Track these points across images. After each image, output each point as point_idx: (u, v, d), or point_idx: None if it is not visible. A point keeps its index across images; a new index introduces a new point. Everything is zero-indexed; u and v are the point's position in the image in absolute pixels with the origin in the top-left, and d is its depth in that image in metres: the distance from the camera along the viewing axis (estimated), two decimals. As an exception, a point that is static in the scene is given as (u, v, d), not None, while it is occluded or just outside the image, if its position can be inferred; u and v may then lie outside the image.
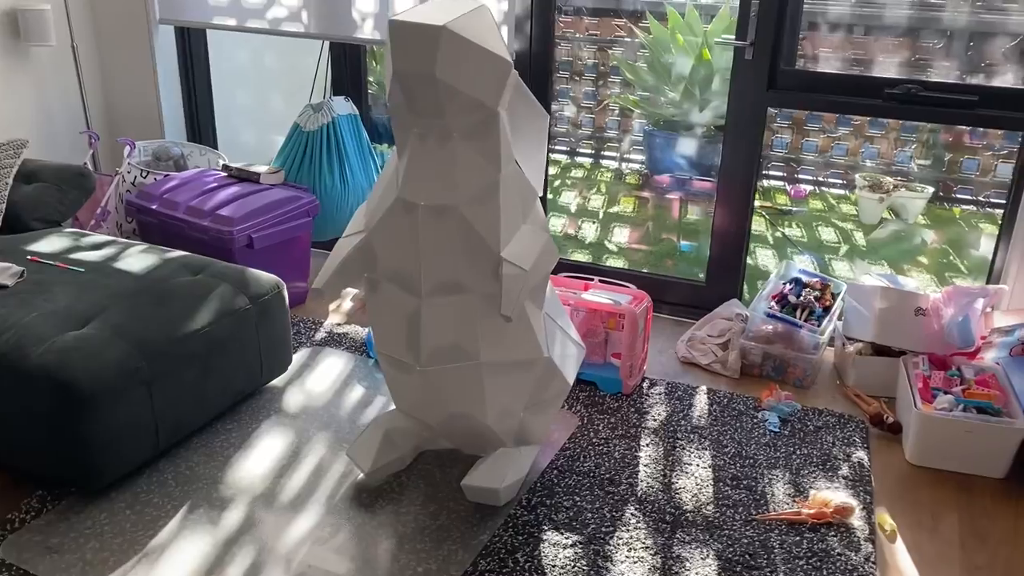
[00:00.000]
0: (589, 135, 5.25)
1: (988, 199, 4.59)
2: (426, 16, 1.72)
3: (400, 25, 1.70)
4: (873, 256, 3.99)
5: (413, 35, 1.70)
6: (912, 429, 2.30)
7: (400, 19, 1.70)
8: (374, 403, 2.50)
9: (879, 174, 4.44)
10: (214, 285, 2.37)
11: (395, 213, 1.91)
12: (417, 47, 1.71)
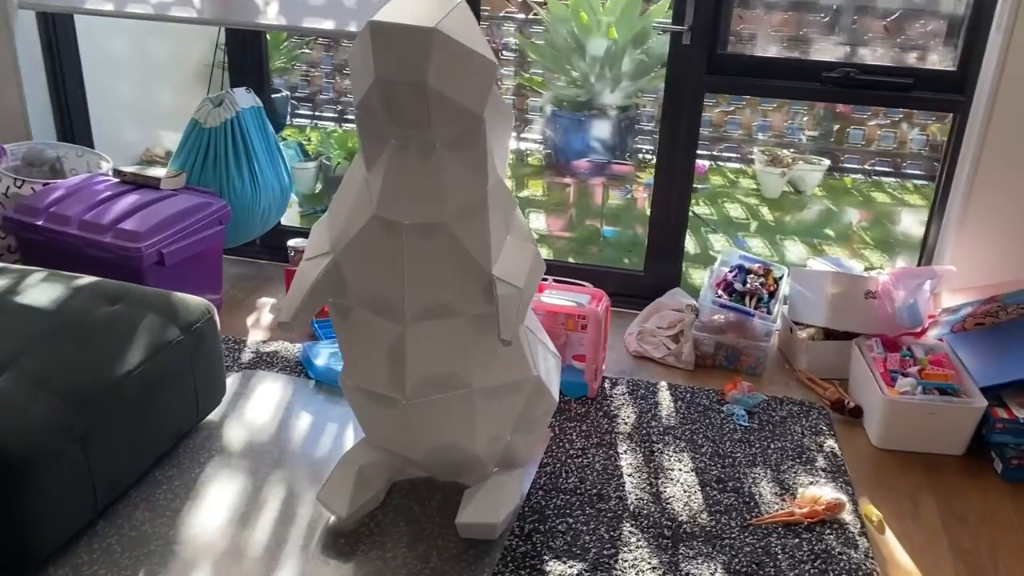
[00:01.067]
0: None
1: (874, 167, 4.78)
2: (408, 15, 1.53)
3: (384, 27, 1.50)
4: (783, 232, 4.08)
5: (400, 38, 1.51)
6: (879, 415, 2.33)
7: (383, 20, 1.50)
8: (326, 431, 2.29)
9: (776, 148, 4.53)
10: (139, 316, 2.09)
11: (371, 233, 1.72)
12: (405, 52, 1.52)
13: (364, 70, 1.57)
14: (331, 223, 1.84)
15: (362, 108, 1.66)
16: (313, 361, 2.53)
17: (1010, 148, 2.48)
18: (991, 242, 2.59)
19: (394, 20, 1.50)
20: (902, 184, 4.65)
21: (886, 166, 4.76)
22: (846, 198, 4.50)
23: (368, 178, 1.74)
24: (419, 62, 1.52)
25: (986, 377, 2.34)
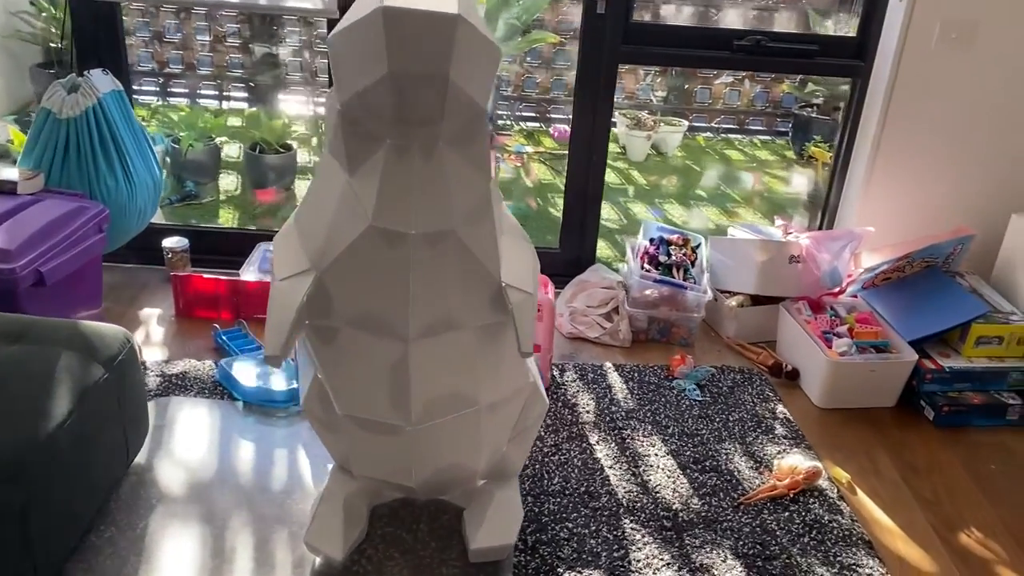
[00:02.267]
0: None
1: (720, 124, 4.96)
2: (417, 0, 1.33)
3: (401, 14, 1.29)
4: (659, 195, 4.14)
5: (421, 27, 1.31)
6: (821, 376, 2.41)
7: (399, 5, 1.29)
8: (276, 460, 2.06)
9: (635, 110, 4.58)
10: (51, 355, 1.75)
11: (368, 246, 1.51)
12: (426, 42, 1.32)
13: (368, 62, 1.35)
14: (304, 236, 1.61)
15: (355, 104, 1.44)
16: (236, 379, 2.25)
17: (914, 111, 2.61)
18: (898, 202, 2.74)
19: (412, 6, 1.30)
20: (751, 141, 4.86)
21: (731, 123, 4.95)
22: (702, 156, 4.64)
23: (353, 183, 1.52)
24: (442, 53, 1.33)
25: (911, 331, 2.48)
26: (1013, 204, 2.66)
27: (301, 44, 4.75)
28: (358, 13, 1.36)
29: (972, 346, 2.46)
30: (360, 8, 1.37)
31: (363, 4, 1.37)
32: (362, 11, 1.35)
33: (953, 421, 2.40)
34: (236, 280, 2.63)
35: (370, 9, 1.32)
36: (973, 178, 2.70)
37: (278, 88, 4.76)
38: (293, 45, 4.75)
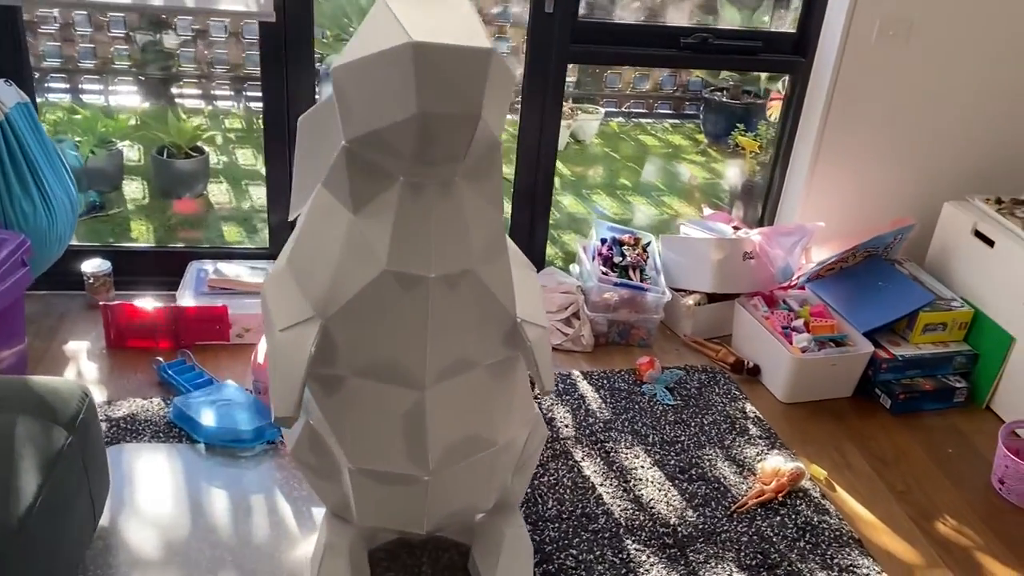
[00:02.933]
0: (232, 74, 4.50)
1: (630, 109, 4.98)
2: (449, 31, 1.22)
3: (435, 51, 1.18)
4: (584, 187, 4.11)
5: (456, 64, 1.21)
6: (785, 372, 2.45)
7: (430, 40, 1.18)
8: (253, 507, 1.91)
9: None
10: (7, 421, 1.56)
11: (381, 291, 1.41)
12: (459, 80, 1.22)
13: (391, 99, 1.24)
14: (303, 281, 1.48)
15: (368, 142, 1.32)
16: (195, 419, 2.09)
17: (855, 106, 2.67)
18: (840, 194, 2.80)
19: (442, 40, 1.19)
20: (663, 125, 4.90)
21: (640, 107, 4.97)
22: (622, 144, 4.64)
23: (359, 223, 1.41)
24: (476, 91, 1.23)
25: (864, 323, 2.56)
26: (945, 193, 2.77)
27: (194, 33, 4.45)
28: (374, 43, 1.25)
29: (919, 333, 2.56)
30: (375, 38, 1.26)
31: (377, 33, 1.26)
32: (379, 42, 1.24)
33: (908, 407, 2.49)
34: (174, 307, 2.43)
35: (394, 43, 1.20)
36: (909, 169, 2.80)
37: (170, 83, 4.45)
38: (184, 35, 4.44)
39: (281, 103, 2.54)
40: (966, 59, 2.66)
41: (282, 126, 2.58)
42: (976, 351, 2.57)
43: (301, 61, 2.49)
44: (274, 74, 2.50)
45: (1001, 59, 2.68)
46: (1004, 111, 2.76)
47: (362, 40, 1.30)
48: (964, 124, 2.76)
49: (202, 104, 4.47)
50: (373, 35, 1.27)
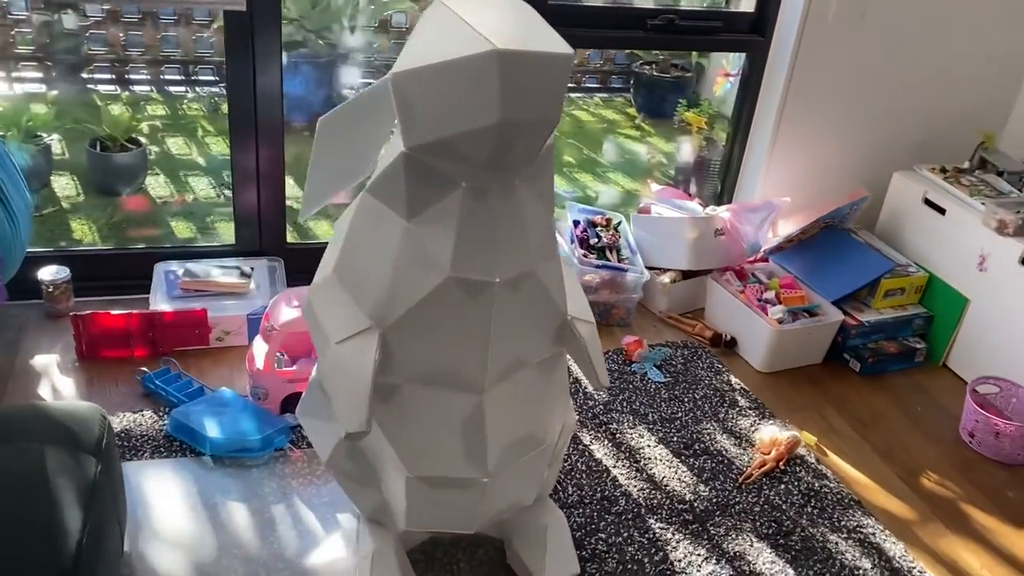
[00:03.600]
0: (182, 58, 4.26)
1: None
2: (527, 37, 1.21)
3: (521, 58, 1.17)
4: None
5: (540, 71, 1.19)
6: (765, 343, 2.55)
7: (516, 48, 1.16)
8: (278, 520, 1.87)
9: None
10: (35, 453, 1.47)
11: (444, 298, 1.39)
12: (544, 87, 1.21)
13: (467, 107, 1.21)
14: (355, 290, 1.45)
15: (434, 149, 1.30)
16: (199, 431, 2.01)
17: (813, 83, 2.76)
18: (798, 169, 2.91)
19: (526, 47, 1.18)
20: (592, 99, 4.94)
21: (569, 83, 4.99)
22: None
23: (415, 230, 1.38)
24: (558, 97, 1.22)
25: (832, 292, 2.68)
26: (895, 163, 2.92)
27: (105, 15, 4.18)
28: (445, 50, 1.22)
29: (881, 299, 2.70)
30: (444, 44, 1.23)
31: (447, 38, 1.23)
32: (453, 49, 1.21)
33: (875, 370, 2.64)
34: (151, 313, 2.32)
35: (473, 50, 1.18)
36: (861, 143, 2.93)
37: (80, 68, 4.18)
38: (95, 16, 4.17)
39: (248, 93, 2.44)
40: (913, 38, 2.80)
41: (249, 118, 2.48)
42: (931, 313, 2.74)
43: (269, 50, 2.39)
44: (241, 63, 2.40)
45: (942, 38, 2.83)
46: (945, 86, 2.92)
47: (427, 46, 1.26)
48: (910, 99, 2.90)
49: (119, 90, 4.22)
50: (441, 41, 1.24)
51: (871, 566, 1.92)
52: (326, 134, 1.59)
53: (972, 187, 2.73)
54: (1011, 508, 2.17)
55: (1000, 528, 2.10)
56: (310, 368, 2.11)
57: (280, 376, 2.11)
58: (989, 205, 2.58)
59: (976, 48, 2.87)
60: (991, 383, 2.48)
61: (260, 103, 2.46)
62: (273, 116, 2.49)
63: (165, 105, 4.14)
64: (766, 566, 1.88)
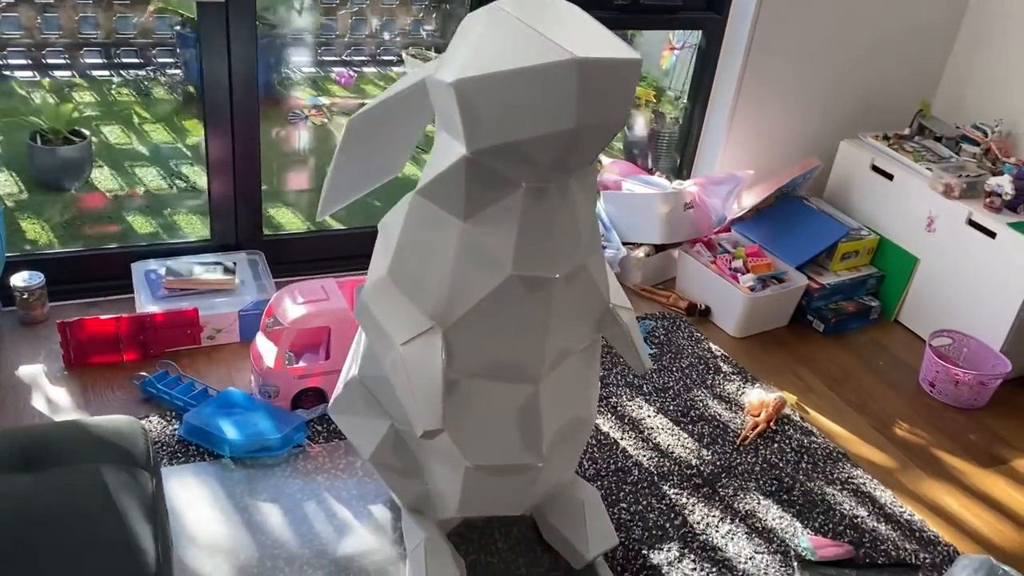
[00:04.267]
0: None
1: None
2: (598, 45, 1.25)
3: (597, 66, 1.21)
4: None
5: (613, 76, 1.24)
6: (739, 310, 2.69)
7: (593, 56, 1.21)
8: (307, 515, 1.88)
9: (419, 48, 4.47)
10: (92, 472, 1.45)
11: (507, 296, 1.43)
12: (616, 91, 1.26)
13: (543, 113, 1.25)
14: (413, 292, 1.47)
15: (499, 153, 1.33)
16: (217, 433, 1.99)
17: (768, 59, 2.89)
18: (755, 141, 3.04)
19: (600, 55, 1.22)
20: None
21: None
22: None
23: (472, 230, 1.42)
24: (628, 99, 1.27)
25: (795, 258, 2.84)
26: (841, 132, 3.09)
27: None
28: (513, 58, 1.25)
29: (838, 261, 2.88)
30: (511, 51, 1.26)
31: (514, 46, 1.26)
32: (523, 57, 1.24)
33: (837, 329, 2.82)
34: (141, 315, 2.26)
35: (548, 58, 1.22)
36: (812, 113, 3.08)
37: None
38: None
39: (223, 83, 2.38)
40: (854, 11, 2.95)
41: (224, 107, 2.42)
42: (883, 273, 2.94)
43: (244, 35, 2.34)
44: (215, 49, 2.34)
45: (879, 10, 2.99)
46: (883, 56, 3.09)
47: (491, 52, 1.29)
48: (853, 70, 3.07)
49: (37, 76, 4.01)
50: (509, 47, 1.27)
51: (867, 513, 2.08)
52: (355, 134, 1.60)
53: (916, 153, 2.92)
54: (975, 450, 2.38)
55: (969, 469, 2.31)
56: (319, 363, 2.12)
57: (292, 373, 2.11)
58: (936, 170, 2.77)
59: (906, 20, 3.05)
60: (945, 335, 2.69)
61: (236, 92, 2.41)
62: (249, 104, 2.44)
63: (92, 91, 3.96)
64: (776, 521, 2.02)
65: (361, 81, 4.51)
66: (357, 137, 1.61)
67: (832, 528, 2.03)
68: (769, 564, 1.91)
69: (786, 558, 1.92)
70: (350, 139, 1.61)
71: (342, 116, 4.07)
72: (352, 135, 1.61)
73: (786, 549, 1.94)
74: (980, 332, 2.64)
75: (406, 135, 1.63)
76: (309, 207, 3.34)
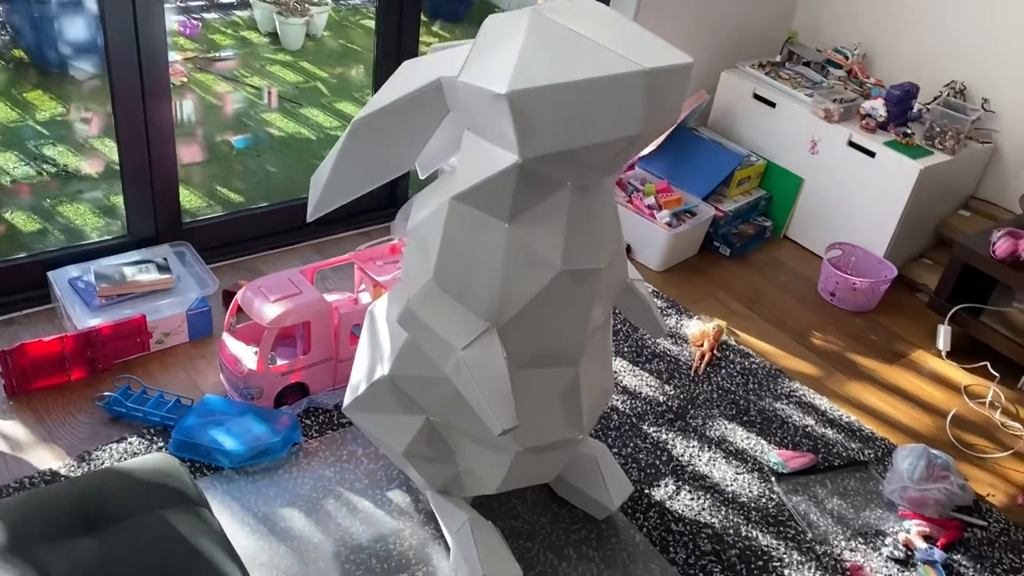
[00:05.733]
0: None
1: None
2: (650, 52, 1.30)
3: (661, 74, 1.26)
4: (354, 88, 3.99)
5: (674, 82, 1.30)
6: (661, 247, 2.87)
7: (661, 65, 1.26)
8: (331, 512, 1.89)
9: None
10: (159, 519, 1.40)
11: (557, 290, 1.49)
12: (675, 96, 1.32)
13: (608, 122, 1.29)
14: (464, 296, 1.50)
15: (553, 159, 1.36)
16: (213, 446, 1.93)
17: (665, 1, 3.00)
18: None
19: (665, 63, 1.27)
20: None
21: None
22: (352, 34, 4.51)
23: (517, 231, 1.46)
24: (683, 100, 1.34)
25: (700, 190, 3.04)
26: (722, 63, 3.28)
27: None
28: (576, 68, 1.28)
29: (735, 188, 3.11)
30: (569, 62, 1.29)
31: (571, 56, 1.30)
32: (583, 68, 1.28)
33: (741, 251, 3.07)
34: (86, 331, 2.11)
35: (613, 70, 1.26)
36: (697, 46, 3.24)
37: None
38: None
39: (133, 64, 2.20)
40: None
41: (135, 81, 2.23)
42: (771, 194, 3.20)
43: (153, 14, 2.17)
44: (122, 34, 2.15)
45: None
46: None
47: (544, 62, 1.30)
48: (728, 1, 3.24)
49: None
50: (566, 58, 1.29)
51: (814, 422, 2.36)
52: (359, 135, 1.57)
53: (792, 80, 3.17)
54: (878, 348, 2.72)
55: (878, 367, 2.64)
56: (300, 359, 2.09)
57: (275, 372, 2.06)
58: (816, 96, 3.03)
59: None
60: (836, 248, 3.00)
61: (145, 61, 2.21)
62: (160, 78, 2.26)
63: None
64: (744, 442, 2.25)
65: (208, 31, 4.21)
66: (361, 139, 1.58)
67: (790, 440, 2.28)
68: (751, 482, 2.13)
69: (763, 474, 2.16)
70: (353, 141, 1.58)
71: (200, 72, 3.82)
72: (355, 137, 1.57)
73: (761, 466, 2.18)
74: (864, 241, 2.97)
75: (414, 135, 1.61)
76: (208, 180, 3.13)
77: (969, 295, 2.71)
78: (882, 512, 2.10)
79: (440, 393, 1.64)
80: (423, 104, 1.52)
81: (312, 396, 2.15)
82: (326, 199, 1.65)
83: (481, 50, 1.40)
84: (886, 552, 1.99)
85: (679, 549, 1.92)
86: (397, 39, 2.63)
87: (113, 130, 2.29)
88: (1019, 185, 3.00)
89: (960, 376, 2.64)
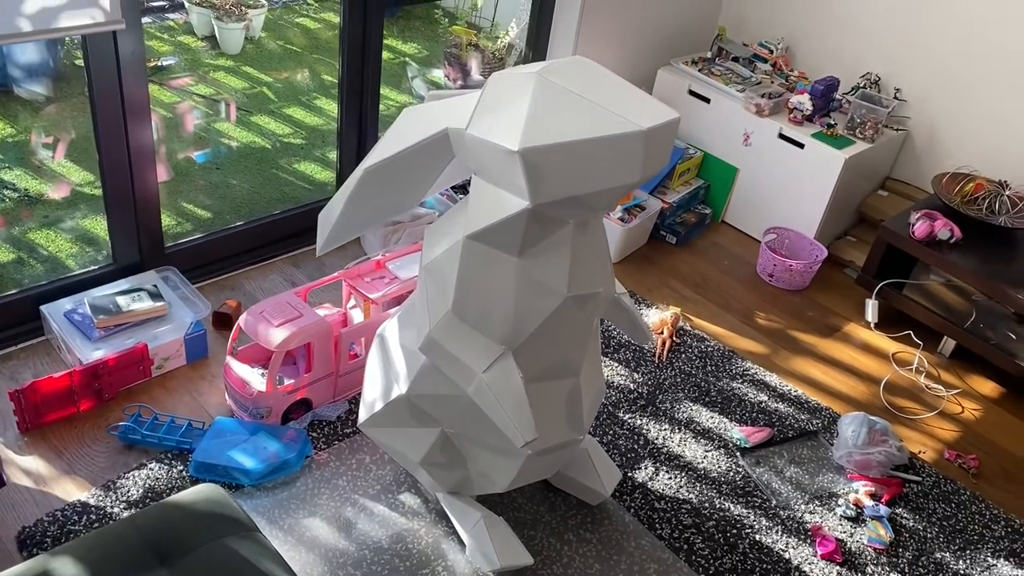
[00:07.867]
0: None
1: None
2: (652, 110, 1.48)
3: (658, 132, 1.45)
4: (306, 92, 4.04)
5: (666, 135, 1.48)
6: (616, 241, 3.08)
7: (656, 124, 1.44)
8: (351, 520, 2.06)
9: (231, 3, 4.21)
10: (223, 549, 1.54)
11: (563, 313, 1.68)
12: (667, 146, 1.50)
13: (609, 173, 1.48)
14: (482, 325, 1.67)
15: (562, 203, 1.54)
16: (233, 466, 2.07)
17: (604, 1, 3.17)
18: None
19: (659, 121, 1.46)
20: (306, 7, 4.84)
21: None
22: (289, 33, 4.54)
23: (526, 264, 1.64)
24: (670, 150, 1.53)
25: (647, 185, 3.25)
26: (659, 61, 3.49)
27: None
28: (582, 128, 1.46)
29: (677, 179, 3.34)
30: (577, 122, 1.46)
31: (578, 117, 1.47)
32: (587, 127, 1.46)
33: (685, 239, 3.31)
34: (93, 364, 2.20)
35: (617, 130, 1.44)
36: (630, 45, 3.43)
37: None
38: None
39: (114, 87, 2.26)
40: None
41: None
42: (708, 183, 3.45)
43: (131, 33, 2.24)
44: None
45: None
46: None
47: (551, 122, 1.47)
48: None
49: None
50: (571, 119, 1.46)
51: (768, 397, 2.63)
52: (369, 181, 1.72)
53: (724, 76, 3.40)
54: (815, 323, 3.01)
55: (816, 341, 2.93)
56: (304, 377, 2.23)
57: (282, 391, 2.20)
58: (747, 92, 3.27)
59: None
60: (771, 232, 3.27)
61: (125, 76, 2.27)
62: (140, 98, 2.33)
63: None
64: (711, 422, 2.50)
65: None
66: (370, 185, 1.73)
67: (749, 416, 2.54)
68: (719, 458, 2.39)
69: (728, 450, 2.41)
70: (363, 187, 1.73)
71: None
72: (366, 183, 1.72)
73: (726, 443, 2.43)
74: (795, 224, 3.25)
75: (421, 179, 1.76)
76: (175, 199, 3.16)
77: (892, 271, 3.01)
78: (833, 476, 2.39)
79: (456, 409, 1.81)
80: (431, 152, 1.67)
81: (316, 410, 2.29)
82: (335, 236, 1.80)
83: (488, 105, 1.56)
84: (839, 512, 2.27)
85: (664, 525, 2.16)
86: (362, 40, 2.71)
87: (76, 154, 2.34)
88: (929, 166, 3.32)
89: (888, 345, 2.95)
